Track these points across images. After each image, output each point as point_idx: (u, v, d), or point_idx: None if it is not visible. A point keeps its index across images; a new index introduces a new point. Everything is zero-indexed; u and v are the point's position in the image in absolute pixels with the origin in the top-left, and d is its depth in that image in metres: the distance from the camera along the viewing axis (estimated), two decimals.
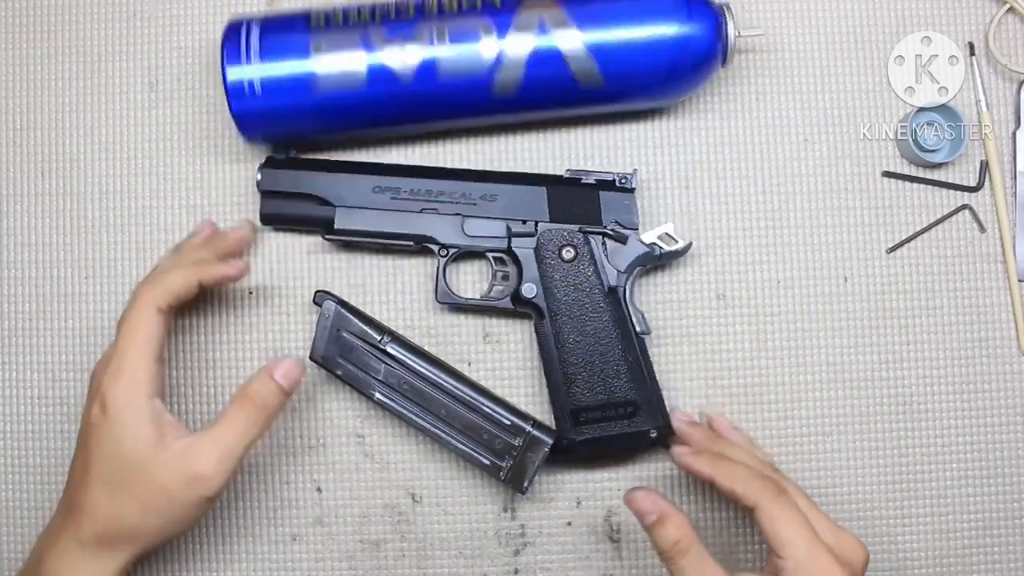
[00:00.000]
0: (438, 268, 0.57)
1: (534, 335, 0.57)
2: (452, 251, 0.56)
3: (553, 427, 0.56)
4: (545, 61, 0.53)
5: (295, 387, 0.52)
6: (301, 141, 0.58)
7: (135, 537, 0.49)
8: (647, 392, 0.55)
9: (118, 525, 0.48)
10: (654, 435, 0.55)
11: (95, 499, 0.49)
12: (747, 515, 0.50)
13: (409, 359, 0.55)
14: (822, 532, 0.48)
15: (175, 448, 0.49)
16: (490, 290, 0.57)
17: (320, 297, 0.56)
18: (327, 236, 0.56)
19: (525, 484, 0.55)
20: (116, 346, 0.51)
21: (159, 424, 0.49)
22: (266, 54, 0.54)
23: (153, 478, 0.48)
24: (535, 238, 0.56)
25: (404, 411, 0.55)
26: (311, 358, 0.56)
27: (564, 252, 0.56)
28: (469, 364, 0.59)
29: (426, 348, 0.57)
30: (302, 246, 0.59)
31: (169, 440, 0.49)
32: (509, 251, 0.56)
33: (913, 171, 0.60)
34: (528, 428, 0.55)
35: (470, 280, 0.59)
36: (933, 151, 0.60)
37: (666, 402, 0.56)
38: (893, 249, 0.60)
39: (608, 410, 0.55)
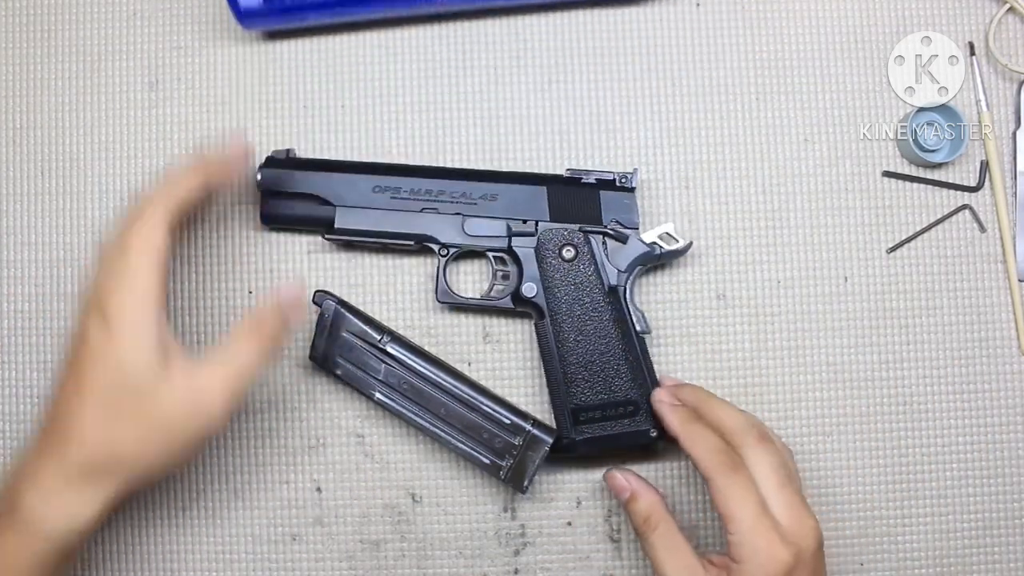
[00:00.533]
0: (438, 267, 0.57)
1: (534, 335, 0.57)
2: (452, 250, 0.56)
3: (553, 426, 0.56)
4: None
5: (302, 315, 0.50)
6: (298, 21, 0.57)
7: (126, 469, 0.45)
8: (647, 391, 0.55)
9: (110, 453, 0.44)
10: (654, 434, 0.55)
11: (87, 423, 0.44)
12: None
13: (409, 359, 0.55)
14: (777, 509, 0.48)
15: (180, 373, 0.45)
16: (490, 289, 0.57)
17: (320, 297, 0.56)
18: (327, 236, 0.56)
19: (525, 483, 0.55)
20: (120, 259, 0.46)
21: (164, 344, 0.45)
22: None
23: (155, 403, 0.44)
24: (535, 237, 0.56)
25: (404, 411, 0.55)
26: (311, 358, 0.56)
27: (564, 251, 0.56)
28: (469, 364, 0.59)
29: (426, 348, 0.57)
30: (302, 246, 0.59)
31: (174, 363, 0.45)
32: (510, 250, 0.56)
33: (913, 171, 0.60)
34: (528, 427, 0.55)
35: (470, 280, 0.59)
36: (933, 151, 0.60)
37: None
38: (893, 249, 0.60)
39: (608, 409, 0.55)
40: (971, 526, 0.58)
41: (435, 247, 0.56)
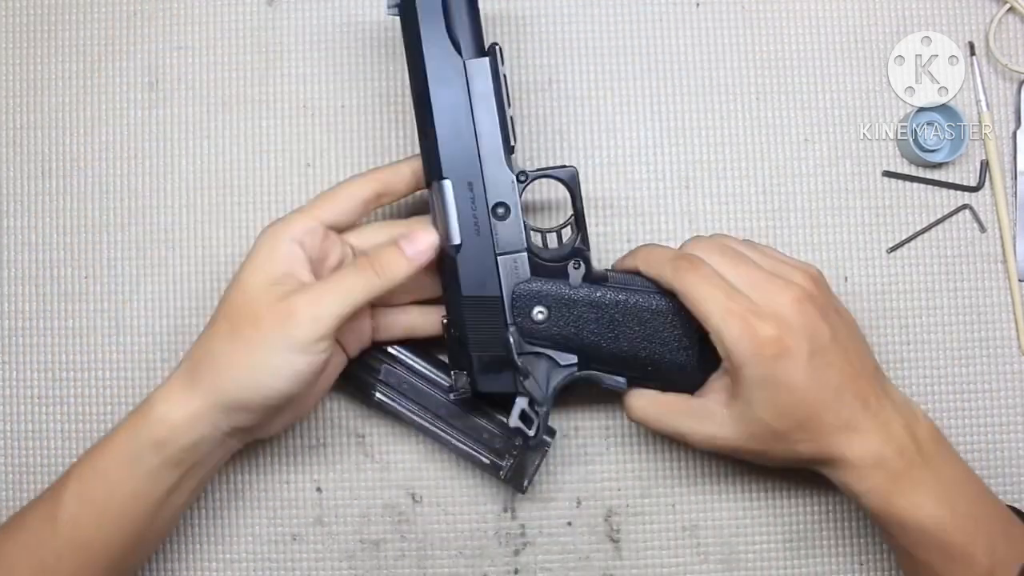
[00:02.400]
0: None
1: None
2: None
3: (553, 427, 0.56)
4: None
5: (423, 265, 0.49)
6: None
7: (220, 374, 0.47)
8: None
9: (213, 356, 0.47)
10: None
11: (217, 342, 0.48)
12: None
13: (409, 359, 0.55)
14: (744, 289, 0.47)
15: (284, 287, 0.47)
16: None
17: None
18: None
19: (525, 483, 0.55)
20: (270, 230, 0.50)
21: (288, 265, 0.48)
22: None
23: (251, 308, 0.47)
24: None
25: (404, 411, 0.55)
26: None
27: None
28: None
29: (426, 348, 0.57)
30: None
31: (284, 284, 0.47)
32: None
33: (913, 171, 0.60)
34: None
35: None
36: (933, 151, 0.60)
37: None
38: (893, 249, 0.60)
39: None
40: None
41: None
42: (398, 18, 0.51)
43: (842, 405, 0.47)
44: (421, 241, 0.49)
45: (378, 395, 0.55)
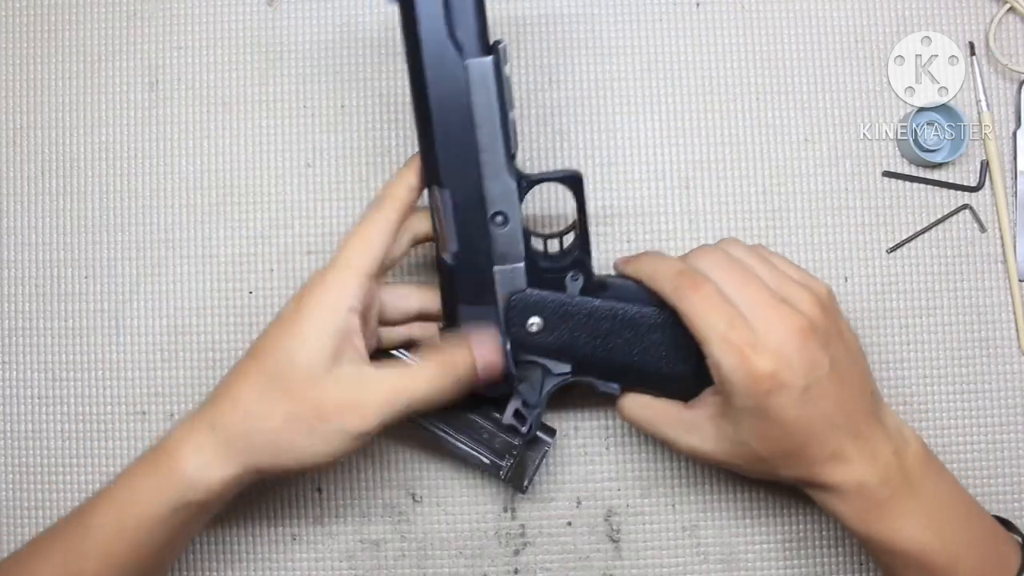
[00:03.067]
0: None
1: None
2: None
3: (553, 427, 0.56)
4: None
5: (489, 376, 0.49)
6: None
7: (265, 445, 0.46)
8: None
9: (255, 424, 0.46)
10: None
11: (247, 390, 0.46)
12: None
13: (408, 359, 0.55)
14: (748, 314, 0.45)
15: (349, 371, 0.46)
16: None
17: None
18: None
19: (525, 483, 0.55)
20: (337, 254, 0.48)
21: (346, 340, 0.46)
22: None
23: (312, 389, 0.45)
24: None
25: None
26: None
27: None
28: None
29: None
30: (301, 246, 0.59)
31: (347, 360, 0.46)
32: None
33: (913, 171, 0.60)
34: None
35: None
36: (933, 151, 0.60)
37: None
38: (893, 249, 0.60)
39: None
40: None
41: None
42: (397, 10, 0.48)
43: (831, 436, 0.46)
44: (490, 351, 0.49)
45: None
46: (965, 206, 0.60)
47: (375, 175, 0.60)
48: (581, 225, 0.51)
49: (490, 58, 0.46)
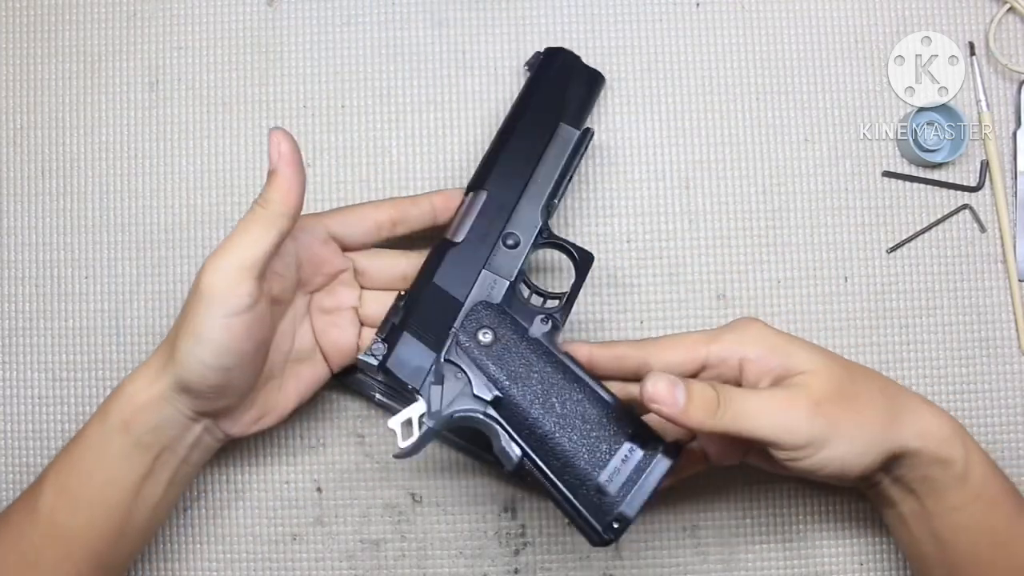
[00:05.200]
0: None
1: None
2: None
3: None
4: None
5: (298, 168, 0.47)
6: None
7: (185, 375, 0.46)
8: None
9: (177, 350, 0.46)
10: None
11: (183, 314, 0.47)
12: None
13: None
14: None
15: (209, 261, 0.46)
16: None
17: None
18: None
19: (530, 478, 0.55)
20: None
21: (263, 259, 0.46)
22: None
23: (193, 296, 0.46)
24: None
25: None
26: None
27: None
28: None
29: None
30: None
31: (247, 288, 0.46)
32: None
33: (913, 171, 0.60)
34: None
35: None
36: (933, 151, 0.60)
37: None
38: (893, 249, 0.60)
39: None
40: None
41: None
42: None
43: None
44: (284, 143, 0.46)
45: (378, 395, 0.55)
46: (965, 206, 0.60)
47: (375, 175, 0.60)
48: (570, 299, 0.52)
49: (577, 133, 0.54)
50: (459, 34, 0.61)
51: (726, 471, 0.58)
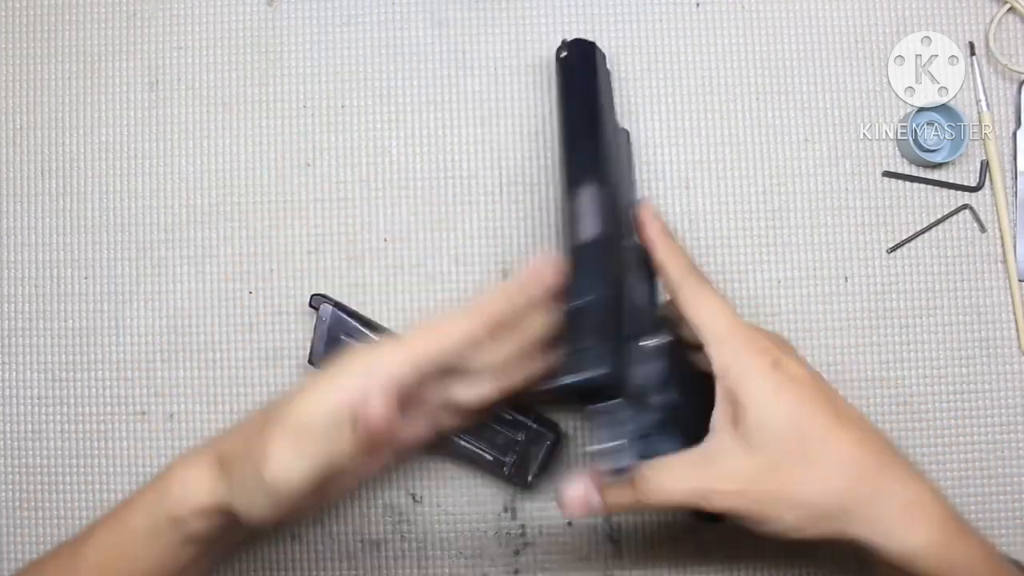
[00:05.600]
0: None
1: None
2: None
3: (556, 421, 0.56)
4: None
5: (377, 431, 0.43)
6: None
7: (240, 474, 0.44)
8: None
9: (243, 447, 0.44)
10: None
11: (249, 423, 0.45)
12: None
13: None
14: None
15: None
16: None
17: (316, 300, 0.56)
18: None
19: (529, 479, 0.55)
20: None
21: (345, 412, 0.43)
22: None
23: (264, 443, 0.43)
24: None
25: None
26: (310, 362, 0.56)
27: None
28: None
29: None
30: (302, 245, 0.59)
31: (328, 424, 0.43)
32: None
33: (913, 171, 0.60)
34: (530, 423, 0.55)
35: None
36: (933, 151, 0.60)
37: None
38: (893, 249, 0.60)
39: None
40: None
41: None
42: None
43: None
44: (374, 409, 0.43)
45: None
46: (965, 206, 0.60)
47: (375, 175, 0.60)
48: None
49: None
50: (459, 34, 0.61)
51: None
